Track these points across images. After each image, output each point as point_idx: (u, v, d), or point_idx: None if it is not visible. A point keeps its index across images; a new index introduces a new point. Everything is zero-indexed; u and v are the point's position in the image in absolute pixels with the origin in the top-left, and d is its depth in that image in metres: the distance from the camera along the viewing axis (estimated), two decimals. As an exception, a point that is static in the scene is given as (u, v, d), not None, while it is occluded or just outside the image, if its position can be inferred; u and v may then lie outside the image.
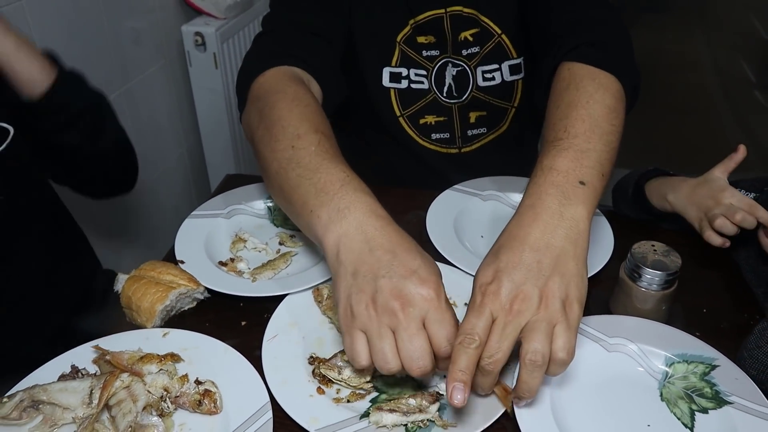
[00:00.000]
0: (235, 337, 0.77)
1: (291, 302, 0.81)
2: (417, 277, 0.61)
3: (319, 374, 0.71)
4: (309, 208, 0.69)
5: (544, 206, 0.66)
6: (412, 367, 0.60)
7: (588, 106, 0.75)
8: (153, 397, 0.67)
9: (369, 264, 0.63)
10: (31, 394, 0.66)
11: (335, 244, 0.65)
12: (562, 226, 0.65)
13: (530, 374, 0.61)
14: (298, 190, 0.72)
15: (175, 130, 1.89)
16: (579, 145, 0.71)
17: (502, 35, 1.06)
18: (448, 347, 0.61)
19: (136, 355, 0.71)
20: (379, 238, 0.64)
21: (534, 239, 0.64)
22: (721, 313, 0.85)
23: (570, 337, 0.61)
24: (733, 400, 0.68)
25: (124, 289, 0.79)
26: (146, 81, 1.71)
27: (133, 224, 1.71)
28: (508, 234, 0.67)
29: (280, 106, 0.81)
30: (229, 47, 1.84)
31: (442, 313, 0.61)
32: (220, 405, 0.67)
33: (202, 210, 0.97)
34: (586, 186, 0.68)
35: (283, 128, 0.77)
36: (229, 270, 0.87)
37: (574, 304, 0.62)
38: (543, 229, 0.65)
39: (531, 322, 0.61)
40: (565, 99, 0.77)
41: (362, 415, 0.67)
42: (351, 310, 0.62)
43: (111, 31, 1.53)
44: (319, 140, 0.75)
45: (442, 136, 1.14)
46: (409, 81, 1.09)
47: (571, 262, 0.63)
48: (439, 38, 1.06)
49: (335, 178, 0.70)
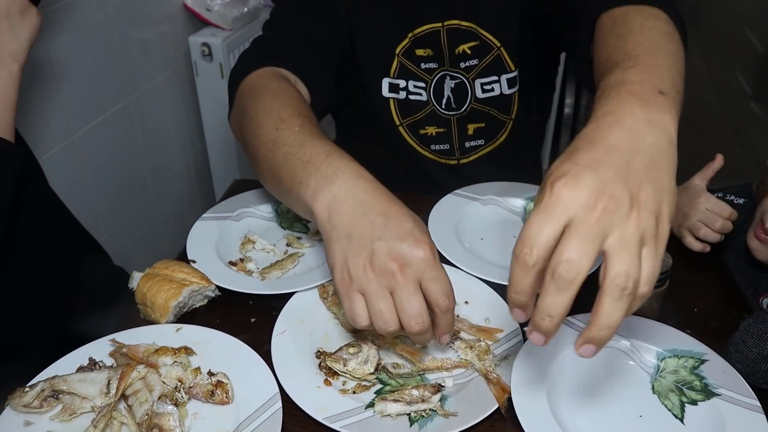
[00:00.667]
0: (245, 333, 0.80)
1: (298, 300, 0.84)
2: (412, 239, 0.63)
3: (325, 367, 0.74)
4: (297, 180, 0.71)
5: (625, 112, 0.55)
6: (411, 325, 0.62)
7: (643, 32, 0.67)
8: (168, 388, 0.70)
9: (363, 227, 0.64)
10: (52, 384, 0.69)
11: (326, 209, 0.67)
12: (651, 132, 0.54)
13: (614, 304, 0.49)
14: (285, 166, 0.74)
15: (181, 138, 1.93)
16: (645, 62, 0.62)
17: (501, 48, 1.09)
18: (447, 301, 0.64)
19: (152, 348, 0.74)
20: (371, 201, 0.66)
21: (619, 141, 0.53)
22: (711, 312, 0.88)
23: (656, 264, 0.50)
24: (721, 392, 0.71)
25: (138, 286, 0.82)
26: (154, 90, 1.75)
27: (139, 229, 1.75)
28: (584, 138, 0.55)
29: (264, 97, 0.84)
30: (235, 57, 1.88)
31: (438, 271, 0.64)
32: (231, 395, 0.70)
33: (213, 212, 1.01)
34: (666, 95, 0.58)
35: (267, 114, 0.80)
36: (238, 269, 0.90)
37: (665, 224, 0.51)
38: (629, 133, 0.54)
39: (620, 235, 0.49)
40: (614, 34, 0.69)
41: (367, 405, 0.70)
42: (348, 273, 0.64)
43: (120, 41, 1.58)
44: (302, 122, 0.78)
45: (441, 147, 1.18)
46: (408, 92, 1.12)
47: (665, 174, 0.53)
48: (436, 51, 1.09)
49: (321, 150, 0.72)
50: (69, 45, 1.38)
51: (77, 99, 1.43)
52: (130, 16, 1.59)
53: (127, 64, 1.62)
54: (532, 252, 0.50)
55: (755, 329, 0.73)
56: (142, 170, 1.74)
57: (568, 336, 0.77)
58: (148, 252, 1.77)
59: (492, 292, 0.86)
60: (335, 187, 0.67)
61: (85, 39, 1.44)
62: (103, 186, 1.56)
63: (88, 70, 1.46)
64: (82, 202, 1.47)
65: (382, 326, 0.63)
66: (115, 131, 1.59)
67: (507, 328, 0.81)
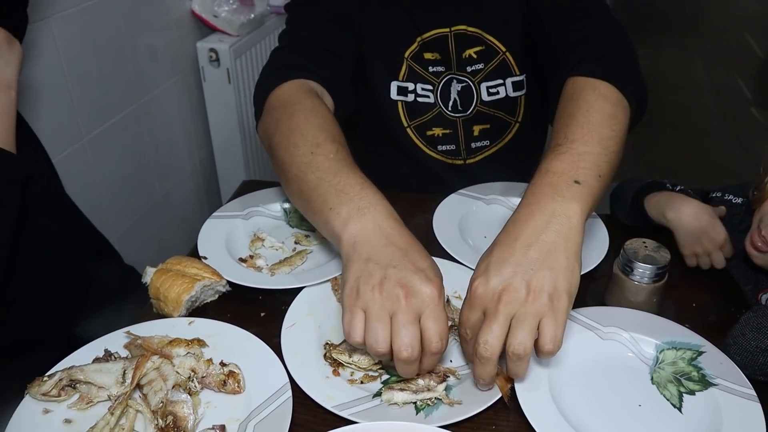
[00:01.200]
0: (255, 327, 0.82)
1: (307, 294, 0.87)
2: (424, 275, 0.68)
3: (330, 358, 0.76)
4: (329, 206, 0.76)
5: (538, 205, 0.70)
6: (400, 350, 0.65)
7: (587, 114, 0.79)
8: (181, 378, 0.72)
9: (382, 255, 0.70)
10: (69, 374, 0.71)
11: (353, 237, 0.72)
12: (554, 222, 0.69)
13: (515, 364, 0.66)
14: (317, 190, 0.79)
15: (188, 142, 1.96)
16: (576, 149, 0.75)
17: (507, 53, 1.12)
18: (439, 344, 0.67)
19: (165, 339, 0.76)
20: (395, 237, 0.72)
21: (526, 235, 0.68)
22: (710, 307, 0.90)
23: (556, 329, 0.65)
24: (718, 382, 0.73)
25: (152, 281, 0.85)
26: (162, 95, 1.78)
27: (147, 231, 1.77)
28: (505, 232, 0.71)
29: (298, 116, 0.88)
30: (241, 63, 1.92)
31: (439, 312, 0.67)
32: (243, 385, 0.72)
33: (223, 211, 1.03)
34: (581, 185, 0.72)
35: (303, 136, 0.84)
36: (248, 266, 0.93)
37: (562, 297, 0.65)
38: (535, 225, 0.69)
39: (518, 315, 0.65)
40: (566, 110, 0.82)
41: (375, 394, 0.72)
42: (357, 290, 0.68)
43: (130, 47, 1.61)
44: (337, 149, 0.82)
45: (447, 147, 1.20)
46: (416, 95, 1.15)
47: (561, 256, 0.67)
48: (443, 55, 1.12)
49: (355, 181, 0.77)
50: (79, 50, 1.41)
51: (87, 103, 1.46)
52: (139, 23, 1.63)
53: (136, 69, 1.65)
54: (467, 331, 0.70)
55: (755, 322, 0.75)
56: (150, 173, 1.77)
57: (570, 329, 0.80)
58: (156, 254, 1.80)
59: (495, 287, 0.88)
60: (366, 220, 0.73)
61: (95, 45, 1.47)
62: (111, 188, 1.59)
63: (97, 75, 1.50)
64: (91, 204, 1.49)
65: (373, 344, 0.66)
66: (124, 135, 1.62)
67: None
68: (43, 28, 1.31)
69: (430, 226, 1.01)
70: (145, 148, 1.74)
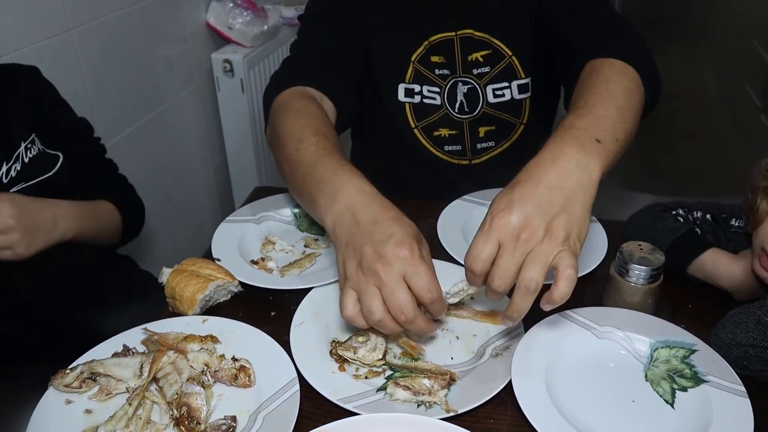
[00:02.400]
0: (266, 325, 0.86)
1: (316, 295, 0.91)
2: (393, 241, 0.71)
3: (336, 354, 0.80)
4: (313, 198, 0.82)
5: (563, 153, 0.72)
6: (397, 315, 0.70)
7: (607, 85, 0.84)
8: (195, 371, 0.76)
9: (355, 235, 0.74)
10: (90, 367, 0.76)
11: (332, 224, 0.78)
12: (577, 173, 0.70)
13: (522, 298, 0.68)
14: (304, 185, 0.85)
15: (203, 150, 2.01)
16: (597, 112, 0.78)
17: (513, 57, 1.16)
18: (429, 294, 0.71)
19: (180, 335, 0.80)
20: (364, 212, 0.76)
21: (549, 179, 0.70)
22: (705, 308, 0.93)
23: (573, 259, 0.67)
24: (710, 379, 0.76)
25: (168, 281, 0.89)
26: (178, 105, 1.84)
27: (161, 237, 1.82)
28: (526, 172, 0.72)
29: (286, 117, 0.94)
30: (255, 73, 1.97)
31: (417, 267, 0.71)
32: (253, 379, 0.76)
33: (236, 216, 1.08)
34: (601, 143, 0.74)
35: (289, 135, 0.90)
36: (259, 268, 0.97)
37: (576, 242, 0.68)
38: (559, 171, 0.70)
39: (533, 252, 0.67)
40: (587, 82, 0.86)
41: (378, 388, 0.76)
42: (345, 274, 0.74)
43: (147, 58, 1.67)
44: (318, 140, 0.87)
45: (454, 148, 1.24)
46: (422, 96, 1.19)
47: (579, 206, 0.69)
48: (449, 59, 1.16)
49: (329, 168, 0.82)
50: (99, 62, 1.47)
51: (106, 112, 1.51)
52: (156, 35, 1.69)
53: (153, 79, 1.70)
54: (478, 264, 0.69)
55: (737, 318, 0.79)
56: (166, 179, 1.82)
57: (565, 328, 0.83)
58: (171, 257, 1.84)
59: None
60: (338, 204, 0.78)
61: (114, 56, 1.53)
62: (129, 195, 1.64)
63: (116, 85, 1.55)
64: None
65: (368, 315, 0.71)
66: (141, 143, 1.68)
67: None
68: (66, 41, 1.37)
69: (435, 231, 1.05)
70: (162, 156, 1.79)
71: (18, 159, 1.00)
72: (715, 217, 1.00)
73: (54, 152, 1.07)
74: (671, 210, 1.01)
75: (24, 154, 1.01)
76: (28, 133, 1.03)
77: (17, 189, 0.99)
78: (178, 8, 1.78)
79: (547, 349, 0.80)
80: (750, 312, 0.79)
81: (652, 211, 1.02)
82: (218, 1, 1.91)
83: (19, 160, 1.00)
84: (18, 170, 1.00)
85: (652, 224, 0.99)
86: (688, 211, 1.02)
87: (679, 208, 1.02)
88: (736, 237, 0.99)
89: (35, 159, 1.03)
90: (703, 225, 1.01)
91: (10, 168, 0.99)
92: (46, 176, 1.03)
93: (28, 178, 1.01)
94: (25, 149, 1.01)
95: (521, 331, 0.84)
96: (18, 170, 1.00)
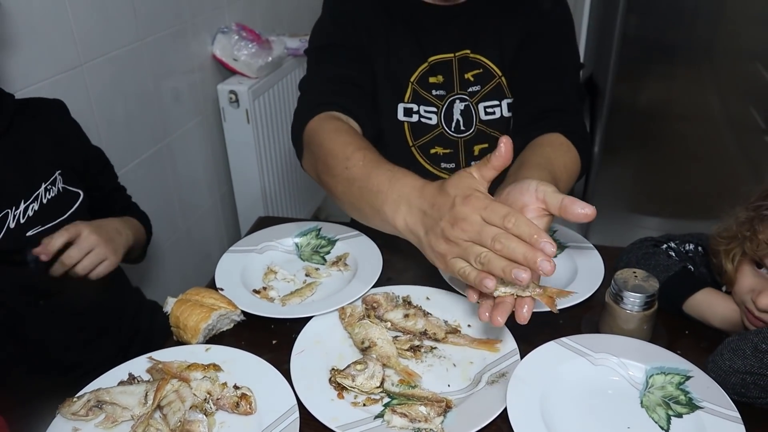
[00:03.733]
0: (267, 353, 0.88)
1: (316, 323, 0.93)
2: (452, 202, 0.74)
3: (335, 382, 0.81)
4: (376, 209, 0.85)
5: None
6: (517, 257, 0.69)
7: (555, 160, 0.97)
8: (198, 399, 0.78)
9: (428, 220, 0.78)
10: (96, 395, 0.78)
11: (404, 225, 0.81)
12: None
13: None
14: (362, 199, 0.88)
15: (209, 179, 2.05)
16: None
17: (502, 77, 1.20)
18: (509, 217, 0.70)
19: (184, 364, 0.82)
20: (424, 203, 0.79)
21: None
22: (702, 334, 0.94)
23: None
24: (705, 405, 0.77)
25: (172, 310, 0.91)
26: (185, 135, 1.88)
27: (169, 266, 1.85)
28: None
29: (326, 141, 0.97)
30: (260, 104, 2.01)
31: (489, 204, 0.72)
32: (254, 407, 0.78)
33: (239, 246, 1.10)
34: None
35: (334, 156, 0.94)
36: (261, 297, 0.99)
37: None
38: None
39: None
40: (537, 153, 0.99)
41: (376, 415, 0.77)
42: (441, 256, 0.75)
43: (155, 91, 1.71)
44: (364, 155, 0.91)
45: (449, 165, 1.27)
46: (420, 116, 1.23)
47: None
48: (447, 78, 1.20)
49: (384, 177, 0.85)
50: (108, 96, 1.52)
51: (115, 144, 1.55)
52: (163, 67, 1.73)
53: (161, 111, 1.75)
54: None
55: (734, 344, 0.79)
56: (173, 210, 1.86)
57: (561, 354, 0.84)
58: (179, 286, 1.87)
59: (494, 315, 0.93)
60: (403, 207, 0.82)
61: (123, 89, 1.57)
62: (137, 224, 1.67)
63: (125, 117, 1.59)
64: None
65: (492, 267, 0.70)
66: (148, 174, 1.72)
67: (505, 348, 0.88)
68: (77, 75, 1.41)
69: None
70: (169, 185, 1.83)
71: (36, 199, 1.03)
72: (706, 248, 1.01)
73: (75, 190, 1.10)
74: (662, 244, 1.03)
75: (43, 195, 1.04)
76: (51, 171, 1.06)
77: (33, 233, 1.01)
78: (186, 42, 1.83)
79: (543, 376, 0.81)
80: (747, 339, 0.79)
81: (643, 246, 1.03)
82: (224, 34, 1.97)
83: (38, 200, 1.03)
84: (36, 210, 1.02)
85: (643, 261, 1.00)
86: (680, 243, 1.03)
87: (670, 242, 1.03)
88: None
89: (54, 200, 1.05)
90: (696, 257, 1.02)
91: (28, 207, 1.01)
92: (62, 218, 1.05)
93: (44, 221, 1.03)
94: (45, 190, 1.04)
95: (517, 358, 0.85)
96: (36, 210, 1.02)
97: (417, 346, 0.88)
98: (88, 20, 1.42)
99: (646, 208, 2.68)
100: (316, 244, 1.14)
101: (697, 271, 1.00)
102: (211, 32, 1.96)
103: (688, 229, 1.08)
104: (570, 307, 0.96)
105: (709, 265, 1.00)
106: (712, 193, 2.65)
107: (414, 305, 0.95)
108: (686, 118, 2.64)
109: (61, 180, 1.07)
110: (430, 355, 0.88)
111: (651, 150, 2.60)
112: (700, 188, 2.63)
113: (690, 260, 1.01)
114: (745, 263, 0.90)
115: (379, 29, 1.18)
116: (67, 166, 1.10)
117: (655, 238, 1.04)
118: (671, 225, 2.60)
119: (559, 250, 1.10)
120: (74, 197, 1.09)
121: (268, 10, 2.32)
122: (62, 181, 1.08)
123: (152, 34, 1.67)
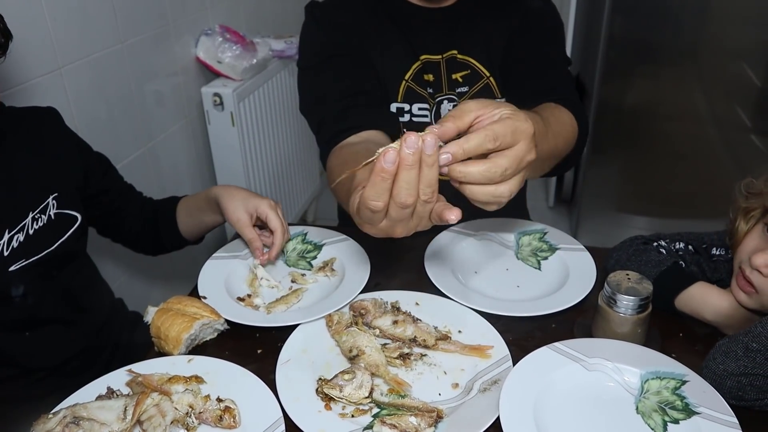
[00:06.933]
0: (252, 363, 0.85)
1: (302, 331, 0.90)
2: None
3: (322, 392, 0.79)
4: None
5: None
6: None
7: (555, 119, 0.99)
8: (179, 413, 0.75)
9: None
10: (73, 411, 0.75)
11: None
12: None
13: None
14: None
15: (194, 183, 2.02)
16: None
17: (490, 78, 1.19)
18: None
19: (165, 376, 0.79)
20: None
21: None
22: (696, 337, 0.92)
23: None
24: (701, 410, 0.75)
25: (153, 320, 0.88)
26: (169, 139, 1.84)
27: (153, 271, 1.81)
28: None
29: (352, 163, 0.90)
30: (245, 106, 1.98)
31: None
32: (239, 420, 0.75)
33: (222, 252, 1.07)
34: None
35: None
36: (246, 305, 0.96)
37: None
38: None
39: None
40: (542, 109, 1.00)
41: (365, 427, 0.75)
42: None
43: (137, 93, 1.68)
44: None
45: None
46: (411, 115, 1.21)
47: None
48: (437, 78, 1.19)
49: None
50: (89, 99, 1.48)
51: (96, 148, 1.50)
52: (146, 70, 1.70)
53: (144, 114, 1.71)
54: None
55: (725, 347, 0.78)
56: (157, 215, 1.82)
57: (554, 360, 0.82)
58: (163, 293, 1.83)
59: (484, 321, 0.91)
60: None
61: (104, 93, 1.54)
62: (120, 230, 1.63)
63: (107, 122, 1.56)
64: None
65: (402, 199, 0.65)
66: (132, 178, 1.66)
67: (497, 354, 0.85)
68: (55, 78, 1.37)
69: (422, 264, 1.05)
70: (153, 189, 1.79)
71: (23, 230, 0.95)
72: (696, 248, 1.00)
73: (72, 213, 1.02)
74: (652, 242, 1.01)
75: (30, 225, 0.96)
76: (42, 197, 0.99)
77: (16, 267, 0.93)
78: (168, 44, 1.79)
79: (536, 383, 0.79)
80: (738, 340, 0.78)
81: (633, 244, 1.02)
82: (207, 36, 1.93)
83: (24, 231, 0.95)
84: (20, 241, 0.94)
85: (634, 258, 0.98)
86: (670, 242, 1.01)
87: (660, 240, 1.02)
88: (719, 266, 0.99)
89: (42, 230, 0.97)
90: (686, 256, 1.01)
91: (12, 237, 0.93)
92: (50, 249, 0.97)
93: (30, 254, 0.95)
94: (32, 219, 0.96)
95: (509, 365, 0.83)
96: (20, 241, 0.94)
97: (406, 353, 0.86)
98: (66, 22, 1.38)
99: (635, 207, 2.68)
100: (302, 249, 1.11)
101: (688, 269, 0.99)
102: (194, 34, 1.93)
103: (676, 228, 1.08)
104: (563, 311, 0.94)
105: (700, 264, 0.99)
106: (700, 191, 2.66)
107: (403, 311, 0.92)
108: (673, 117, 2.65)
109: (54, 206, 0.99)
110: (420, 363, 0.86)
111: (638, 150, 2.60)
112: (687, 187, 2.64)
113: (681, 259, 0.99)
114: (758, 226, 0.90)
115: (370, 32, 1.16)
116: (64, 187, 1.02)
117: (645, 237, 1.03)
118: (659, 224, 2.61)
119: (550, 253, 1.08)
120: (70, 222, 1.01)
121: (252, 11, 2.29)
122: (56, 206, 1.00)
123: (134, 37, 1.63)
